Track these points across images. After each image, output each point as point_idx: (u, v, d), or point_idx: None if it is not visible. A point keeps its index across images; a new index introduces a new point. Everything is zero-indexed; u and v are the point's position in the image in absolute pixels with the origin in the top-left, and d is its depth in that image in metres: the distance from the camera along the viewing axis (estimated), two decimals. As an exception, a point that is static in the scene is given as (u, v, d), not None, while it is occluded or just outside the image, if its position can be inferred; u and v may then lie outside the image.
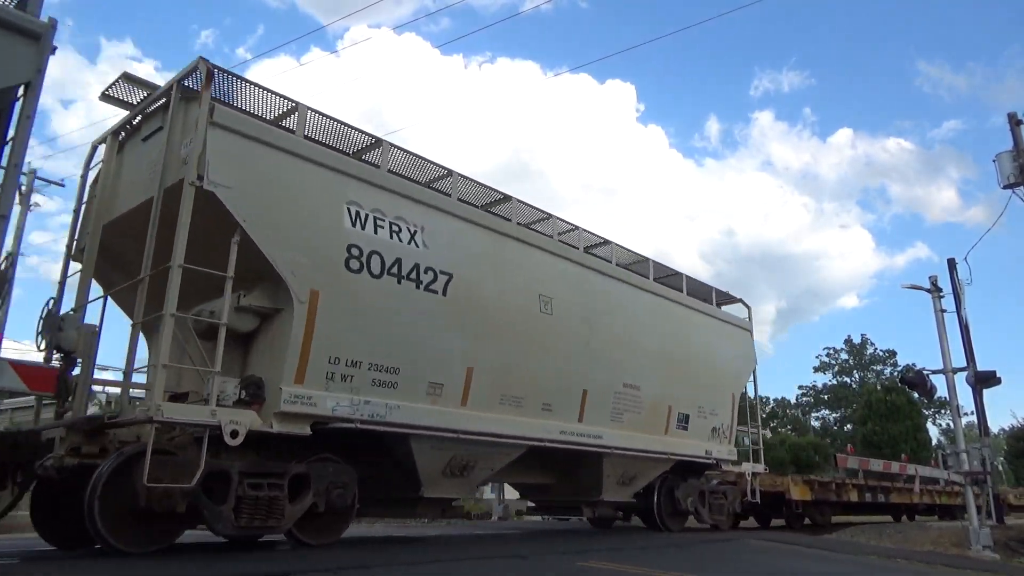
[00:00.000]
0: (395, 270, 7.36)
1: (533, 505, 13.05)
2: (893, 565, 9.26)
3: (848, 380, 71.89)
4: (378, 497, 8.26)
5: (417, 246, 7.63)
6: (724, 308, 13.83)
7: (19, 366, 5.46)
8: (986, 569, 9.61)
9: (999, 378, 13.96)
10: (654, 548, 9.33)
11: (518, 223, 9.45)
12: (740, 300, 14.01)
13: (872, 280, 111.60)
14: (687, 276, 12.54)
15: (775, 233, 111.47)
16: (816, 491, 16.08)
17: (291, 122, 7.32)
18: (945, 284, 14.33)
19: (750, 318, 14.26)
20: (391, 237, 7.39)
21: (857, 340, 72.37)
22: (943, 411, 58.97)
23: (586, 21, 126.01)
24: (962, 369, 13.89)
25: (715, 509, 12.55)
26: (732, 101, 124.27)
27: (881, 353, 71.23)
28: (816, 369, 74.44)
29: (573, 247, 10.14)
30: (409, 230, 7.59)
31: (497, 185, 9.72)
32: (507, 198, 9.47)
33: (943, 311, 13.84)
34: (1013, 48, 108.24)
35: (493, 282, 8.56)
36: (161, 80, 7.54)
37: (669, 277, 12.31)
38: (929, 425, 51.35)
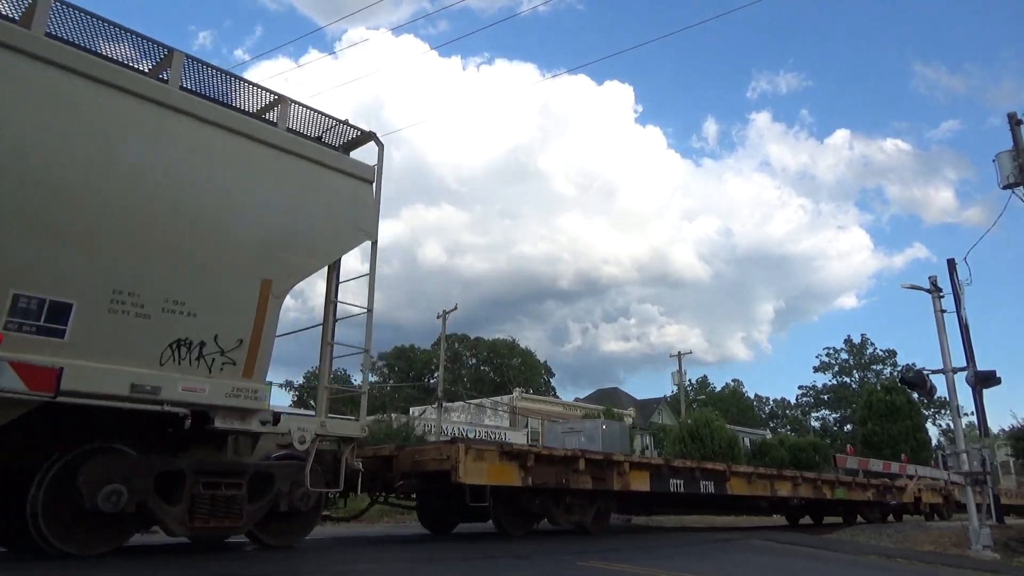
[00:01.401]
0: None
1: None
2: (893, 565, 9.28)
3: (848, 380, 72.13)
4: None
5: None
6: (351, 154, 8.83)
7: (19, 365, 5.41)
8: (986, 569, 9.62)
9: (999, 378, 13.98)
10: (653, 548, 9.33)
11: None
12: (373, 136, 8.82)
13: (871, 280, 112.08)
14: (188, 56, 7.19)
15: (773, 234, 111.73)
16: (534, 472, 9.10)
17: None
18: (945, 284, 14.36)
19: (380, 162, 8.79)
20: None
21: (857, 340, 72.75)
22: (943, 411, 59.19)
23: (584, 23, 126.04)
24: (962, 369, 13.90)
25: (213, 507, 6.80)
26: (730, 102, 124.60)
27: (881, 353, 71.56)
28: (816, 369, 74.97)
29: None
30: None
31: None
32: None
33: (943, 311, 13.84)
34: (1010, 49, 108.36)
35: None
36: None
37: (161, 65, 7.17)
38: (929, 425, 51.50)
